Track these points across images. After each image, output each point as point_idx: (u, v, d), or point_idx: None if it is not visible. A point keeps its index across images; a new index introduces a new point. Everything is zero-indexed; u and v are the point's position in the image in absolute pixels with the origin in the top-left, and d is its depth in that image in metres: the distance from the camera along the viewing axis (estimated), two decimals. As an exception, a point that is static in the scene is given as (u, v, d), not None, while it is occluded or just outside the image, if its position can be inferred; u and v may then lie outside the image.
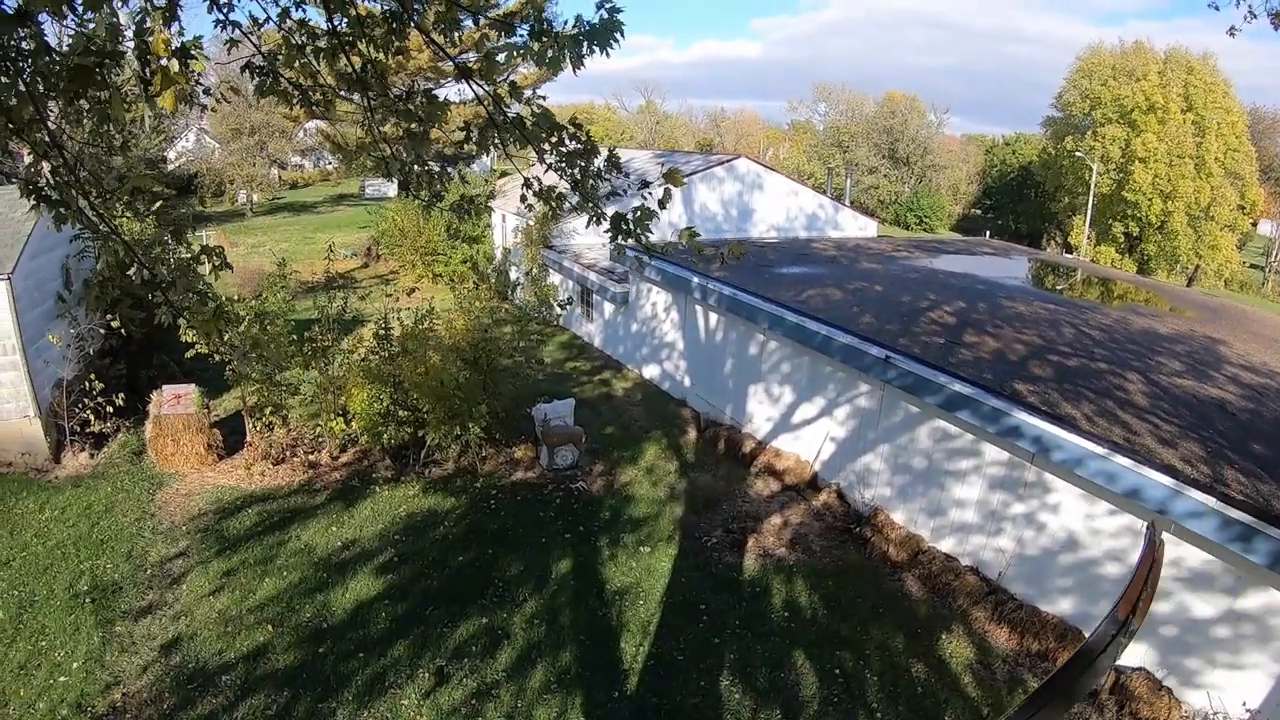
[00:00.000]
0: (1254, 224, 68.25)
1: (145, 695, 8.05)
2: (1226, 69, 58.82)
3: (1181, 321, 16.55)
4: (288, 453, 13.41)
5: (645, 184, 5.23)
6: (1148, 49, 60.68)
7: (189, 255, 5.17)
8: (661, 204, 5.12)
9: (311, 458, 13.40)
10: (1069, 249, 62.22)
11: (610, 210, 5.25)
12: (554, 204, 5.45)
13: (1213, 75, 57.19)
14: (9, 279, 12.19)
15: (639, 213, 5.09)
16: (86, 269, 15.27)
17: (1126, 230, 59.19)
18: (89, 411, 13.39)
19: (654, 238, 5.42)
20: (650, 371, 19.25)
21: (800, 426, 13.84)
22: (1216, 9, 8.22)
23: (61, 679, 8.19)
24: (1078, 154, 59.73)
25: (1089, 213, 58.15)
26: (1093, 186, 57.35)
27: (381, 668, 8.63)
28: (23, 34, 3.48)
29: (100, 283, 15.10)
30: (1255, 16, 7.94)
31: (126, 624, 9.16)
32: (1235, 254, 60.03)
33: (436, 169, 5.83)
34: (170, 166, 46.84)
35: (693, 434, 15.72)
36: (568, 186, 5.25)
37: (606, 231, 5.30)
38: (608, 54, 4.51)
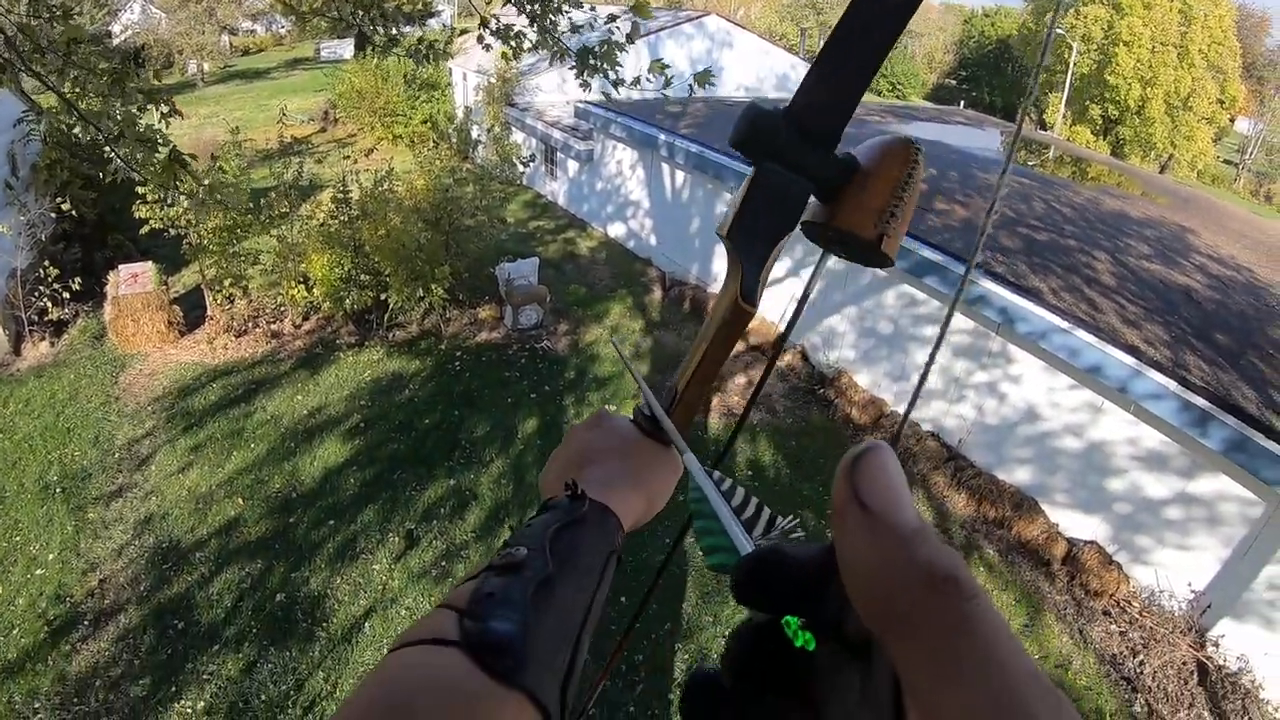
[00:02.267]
0: (1231, 120, 67.83)
1: (122, 578, 8.01)
2: None
3: (1153, 207, 16.56)
4: (250, 324, 13.15)
5: (612, 17, 4.98)
6: None
7: (136, 106, 4.89)
8: (630, 38, 4.89)
9: (274, 328, 13.17)
10: (1043, 126, 61.72)
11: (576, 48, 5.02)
12: (513, 42, 5.20)
13: None
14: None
15: (606, 46, 4.87)
16: (33, 154, 14.67)
17: (1104, 112, 58.67)
18: (46, 299, 12.94)
19: (624, 78, 5.22)
20: (615, 230, 19.04)
21: (766, 286, 13.74)
22: None
23: (38, 571, 8.12)
24: (1058, 31, 58.72)
25: (1066, 91, 57.49)
26: (1071, 65, 56.58)
27: (352, 533, 8.66)
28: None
29: (48, 165, 14.53)
30: None
31: (98, 509, 9.05)
32: (1210, 147, 59.80)
33: (391, 10, 5.55)
34: (115, 41, 44.88)
35: (658, 293, 15.61)
36: (527, 25, 5.01)
37: (572, 68, 5.08)
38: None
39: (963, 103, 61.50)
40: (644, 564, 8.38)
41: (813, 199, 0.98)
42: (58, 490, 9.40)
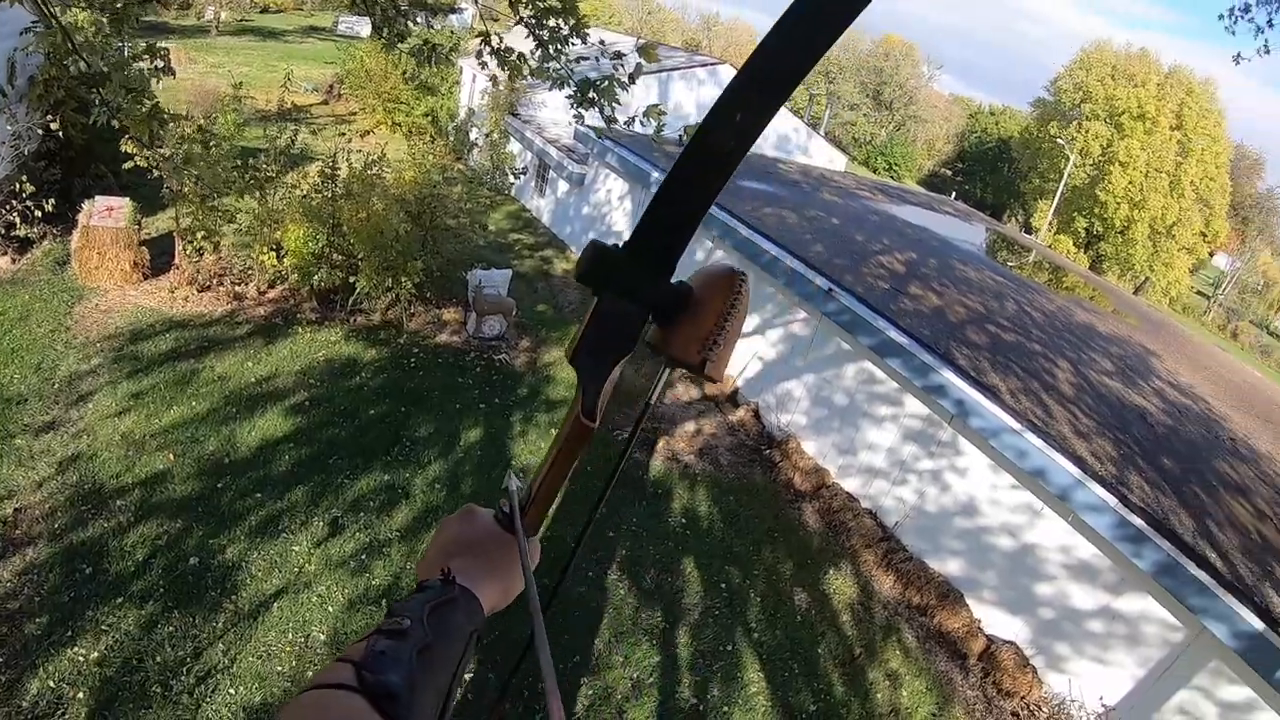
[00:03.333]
0: (1211, 254, 69.79)
1: (37, 512, 7.79)
2: (1224, 100, 59.20)
3: (1122, 325, 16.85)
4: (215, 281, 12.96)
5: (618, 55, 5.00)
6: (1152, 60, 60.69)
7: (130, 51, 4.83)
8: (632, 78, 4.92)
9: (238, 289, 12.99)
10: (1029, 230, 62.76)
11: (578, 79, 5.05)
12: (510, 65, 5.21)
13: (1210, 102, 57.53)
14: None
15: (607, 82, 4.89)
16: (34, 65, 14.44)
17: (1089, 226, 59.83)
18: (15, 214, 12.75)
19: (619, 117, 5.23)
20: (593, 256, 18.96)
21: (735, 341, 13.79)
22: (1234, 34, 8.10)
23: None
24: (1059, 140, 59.87)
25: (1056, 200, 58.61)
26: (1065, 176, 57.71)
27: (277, 510, 8.50)
28: None
29: (45, 81, 14.30)
30: (1269, 51, 7.84)
31: (27, 438, 8.80)
32: (1187, 276, 61.38)
33: (405, 6, 5.55)
34: (136, -31, 44.45)
35: (625, 327, 15.57)
36: (534, 47, 5.03)
37: (569, 97, 5.10)
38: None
39: (954, 194, 62.43)
40: (565, 595, 8.34)
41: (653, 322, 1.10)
42: None
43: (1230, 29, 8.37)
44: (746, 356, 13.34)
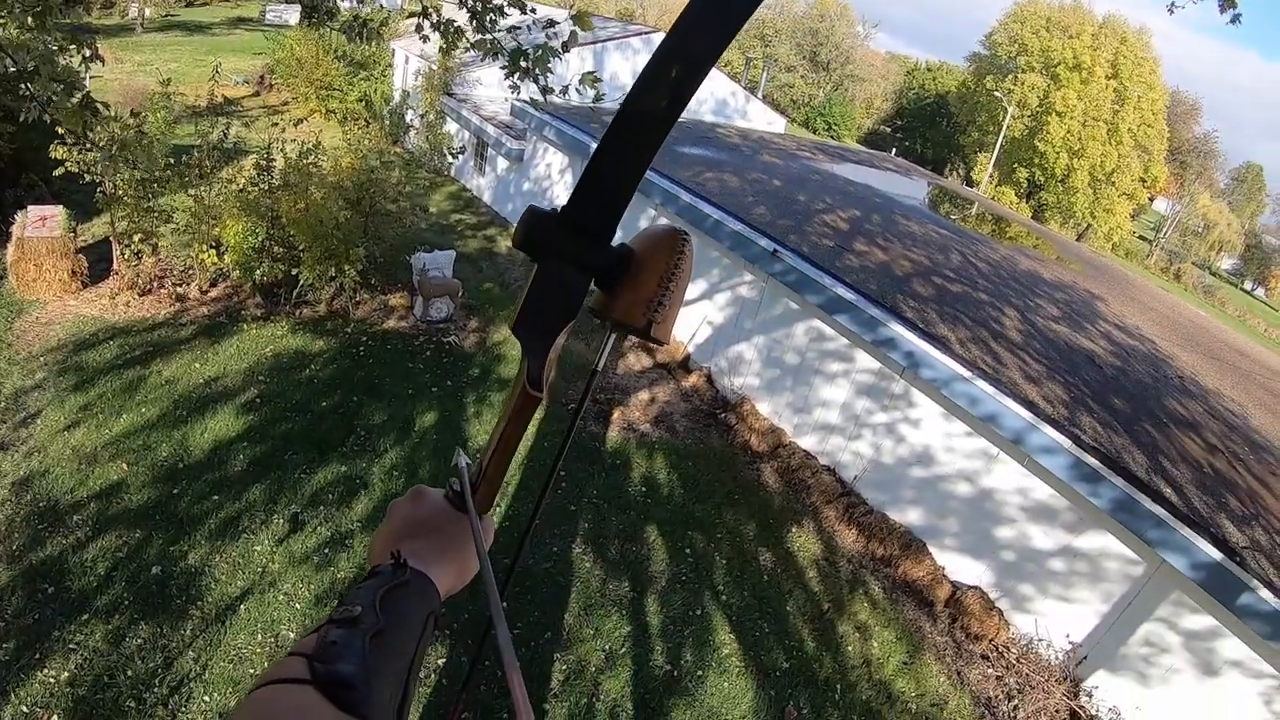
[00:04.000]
0: (1151, 199, 70.91)
1: None
2: (1159, 49, 60.05)
3: (1066, 271, 17.07)
4: (155, 284, 12.74)
5: (551, 23, 4.95)
6: (1085, 11, 61.36)
7: (57, 45, 4.72)
8: (566, 46, 4.88)
9: (180, 290, 12.77)
10: (970, 183, 63.35)
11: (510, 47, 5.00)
12: (450, 37, 5.16)
13: (1144, 50, 58.29)
14: None
15: (540, 51, 4.85)
16: None
17: (1030, 176, 60.53)
18: None
19: (554, 86, 5.19)
20: (535, 231, 18.84)
21: (681, 307, 13.81)
22: None
23: None
24: (996, 94, 60.40)
25: (996, 152, 59.26)
26: (1004, 128, 58.28)
27: (236, 511, 8.41)
28: None
29: None
30: None
31: None
32: (1128, 221, 62.43)
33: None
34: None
35: (573, 301, 15.54)
36: (468, 19, 4.97)
37: (503, 68, 5.05)
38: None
39: (895, 150, 62.77)
40: (531, 572, 8.36)
41: (594, 286, 1.09)
42: None
43: None
44: (696, 322, 13.37)
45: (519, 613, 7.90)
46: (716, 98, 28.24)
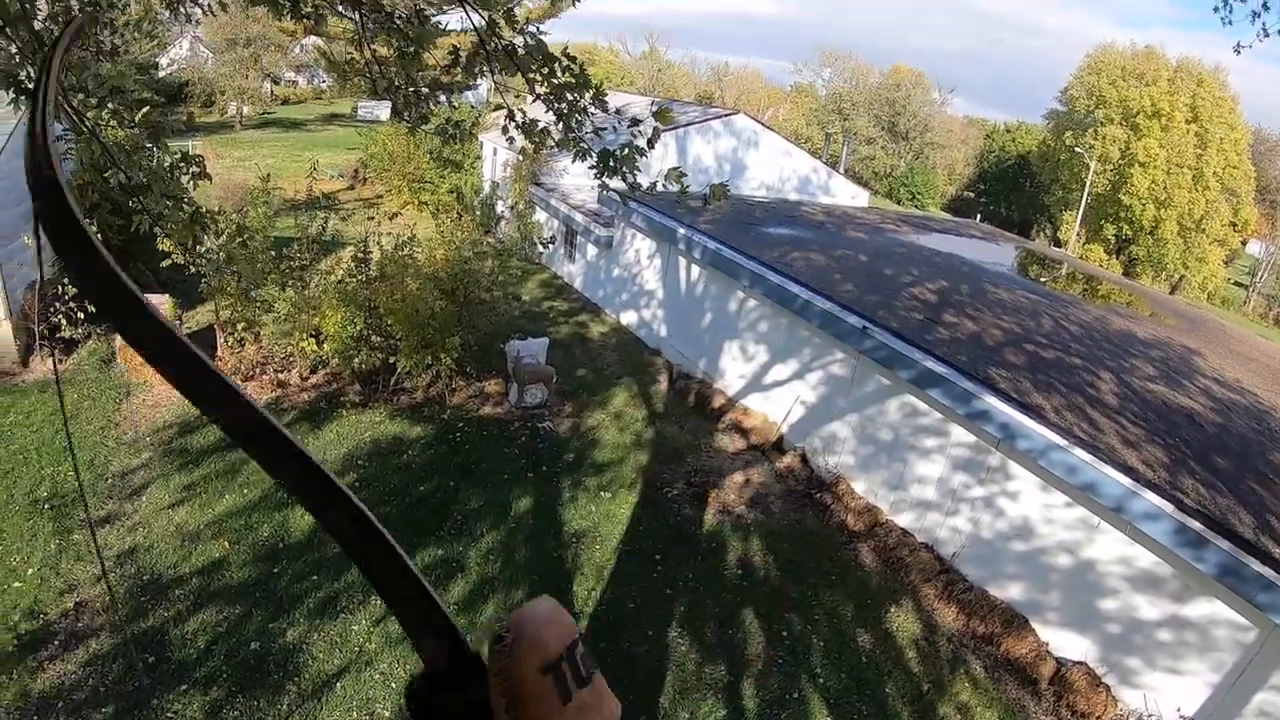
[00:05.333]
0: (1243, 242, 68.62)
1: (98, 604, 8.01)
2: (1236, 86, 58.65)
3: (1161, 328, 16.67)
4: (257, 370, 13.27)
5: (635, 121, 5.13)
6: (1159, 55, 60.29)
7: (168, 161, 5.04)
8: (650, 143, 5.03)
9: (281, 376, 13.27)
10: (1057, 243, 62.30)
11: (598, 148, 5.16)
12: (536, 138, 5.35)
13: (1222, 90, 56.93)
14: (-16, 178, 11.92)
15: (627, 150, 5.01)
16: (68, 172, 14.94)
17: (1118, 231, 59.31)
18: (61, 316, 13.18)
19: (643, 182, 5.34)
20: (628, 318, 19.14)
21: (771, 387, 13.84)
22: (1229, 23, 8.12)
23: (15, 584, 8.14)
24: (1077, 150, 59.56)
25: (1081, 209, 58.18)
26: (1088, 184, 57.33)
27: (335, 591, 8.61)
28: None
29: (80, 186, 14.85)
30: (1268, 35, 7.84)
31: (84, 533, 9.07)
32: (1221, 269, 60.40)
33: (425, 91, 5.72)
34: (162, 74, 45.84)
35: (664, 384, 15.67)
36: (554, 121, 5.16)
37: (592, 168, 5.22)
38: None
39: (979, 216, 62.21)
40: (626, 655, 8.36)
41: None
42: (46, 507, 9.46)
43: (1225, 19, 8.37)
44: (789, 401, 13.34)
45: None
46: (799, 175, 28.40)
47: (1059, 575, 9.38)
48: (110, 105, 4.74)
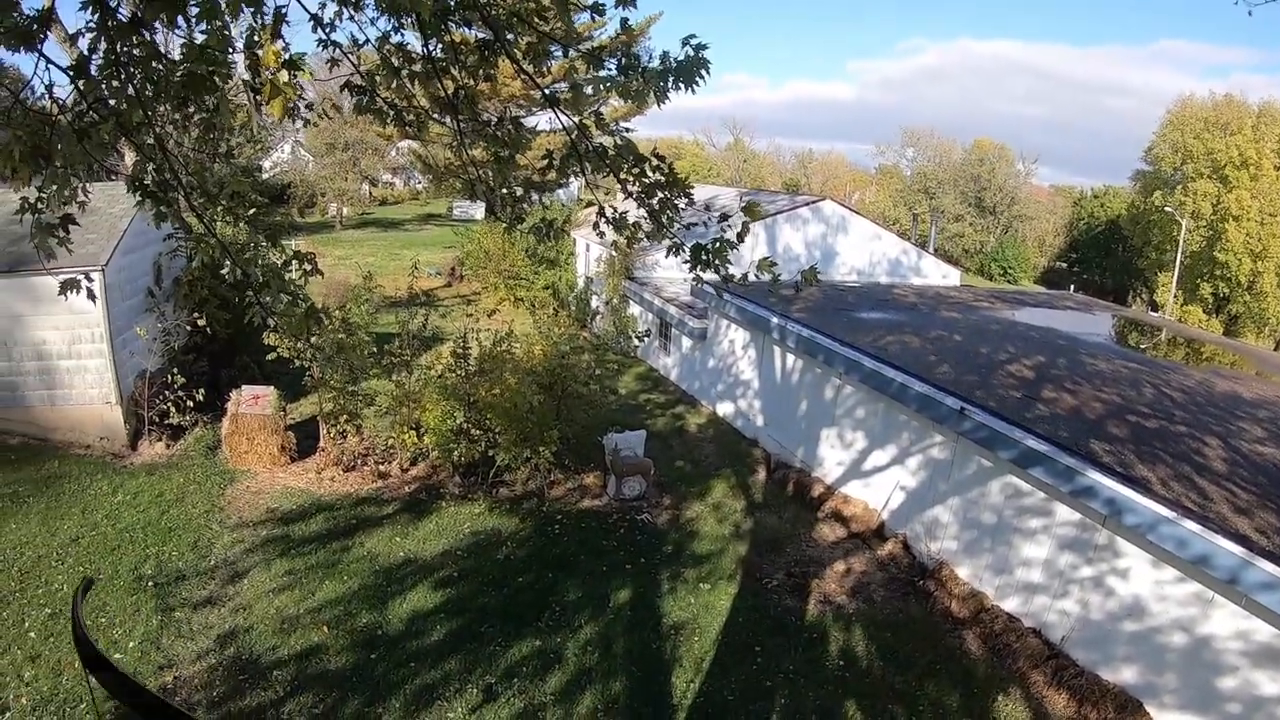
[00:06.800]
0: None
1: (197, 681, 8.29)
2: None
3: (1267, 386, 16.11)
4: (359, 461, 13.69)
5: (725, 217, 5.29)
6: (1240, 102, 58.84)
7: (281, 259, 5.34)
8: (740, 237, 5.16)
9: (382, 468, 13.64)
10: (1154, 306, 60.59)
11: (690, 243, 5.31)
12: (628, 232, 5.53)
13: None
14: (103, 270, 12.83)
15: (718, 244, 5.15)
16: (177, 268, 15.95)
17: (1215, 290, 57.46)
18: (169, 403, 13.92)
19: (734, 273, 5.46)
20: (724, 408, 19.17)
21: (870, 474, 13.68)
22: None
23: (116, 655, 8.48)
24: (1167, 209, 58.12)
25: (1176, 270, 56.56)
26: (1181, 243, 55.79)
27: (431, 679, 8.72)
28: (135, 41, 3.67)
29: (190, 281, 15.71)
30: None
31: (185, 611, 9.45)
32: (1325, 317, 57.96)
33: (520, 193, 5.96)
34: (265, 176, 48.24)
35: (762, 474, 15.61)
36: (645, 216, 5.32)
37: (685, 262, 5.36)
38: (693, 90, 4.59)
39: (1072, 286, 60.91)
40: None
41: None
42: (150, 584, 9.89)
43: None
44: (889, 487, 13.17)
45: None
46: (889, 258, 28.41)
47: (1174, 655, 8.97)
48: (223, 204, 5.07)
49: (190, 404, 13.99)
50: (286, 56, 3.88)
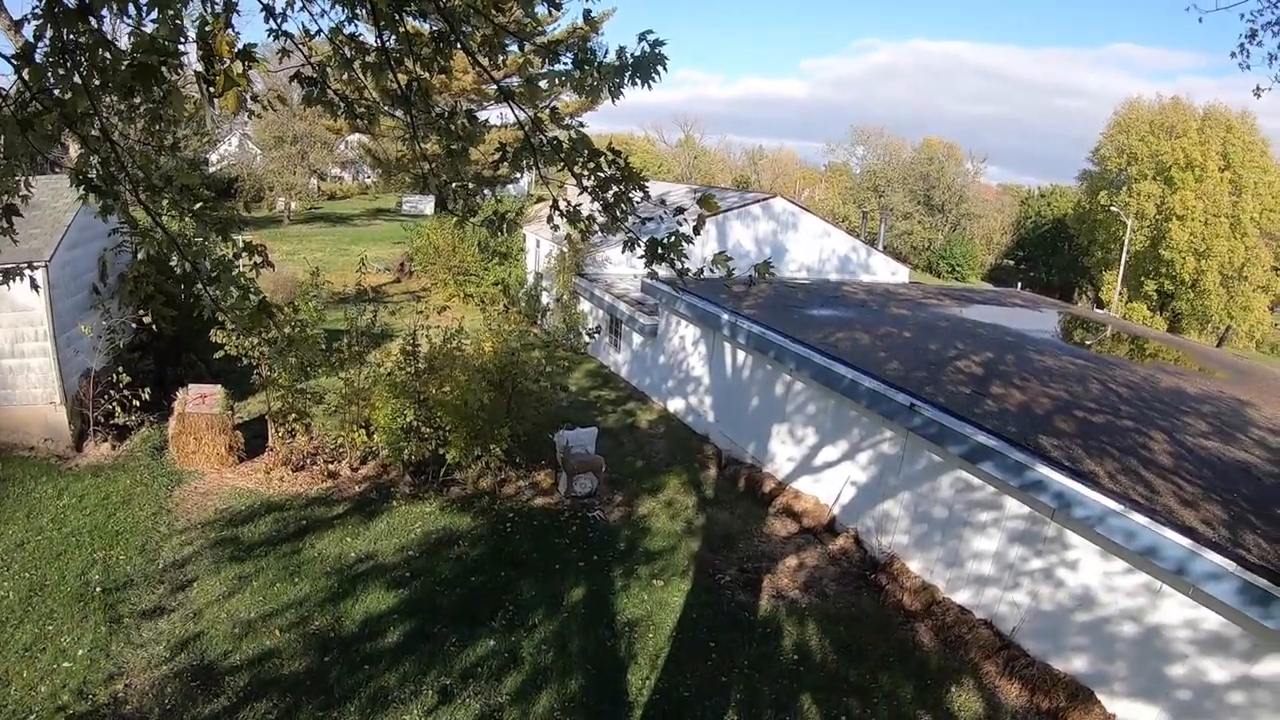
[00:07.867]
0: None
1: (147, 689, 8.13)
2: (1266, 128, 58.43)
3: (1210, 382, 16.42)
4: (308, 460, 13.49)
5: (680, 210, 5.27)
6: (1186, 105, 60.42)
7: (232, 252, 5.25)
8: (696, 230, 5.15)
9: (331, 467, 13.47)
10: (1100, 304, 61.80)
11: (645, 237, 5.29)
12: (582, 226, 5.49)
13: (1252, 134, 56.87)
14: (46, 266, 12.48)
15: (674, 238, 5.13)
16: (123, 263, 15.61)
17: (1159, 288, 58.78)
18: (114, 403, 13.64)
19: (690, 268, 5.45)
20: (675, 405, 19.20)
21: (821, 469, 13.78)
22: (1248, 68, 8.20)
23: (65, 664, 8.30)
24: (1112, 209, 59.34)
25: (1121, 269, 57.74)
26: (1126, 242, 56.98)
27: (387, 682, 8.63)
28: (82, 29, 3.56)
29: (135, 278, 15.38)
30: None
31: (135, 618, 9.26)
32: (1267, 315, 59.55)
33: (472, 187, 5.92)
34: (212, 169, 47.44)
35: (714, 470, 15.65)
36: (599, 210, 5.30)
37: (641, 256, 5.33)
38: (649, 86, 4.58)
39: (1020, 284, 61.90)
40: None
41: None
42: (97, 590, 9.67)
43: (1243, 65, 8.44)
44: (840, 483, 13.27)
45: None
46: (839, 255, 28.65)
47: (1124, 644, 9.13)
48: (167, 197, 4.96)
49: (136, 403, 13.72)
50: (240, 47, 3.80)
